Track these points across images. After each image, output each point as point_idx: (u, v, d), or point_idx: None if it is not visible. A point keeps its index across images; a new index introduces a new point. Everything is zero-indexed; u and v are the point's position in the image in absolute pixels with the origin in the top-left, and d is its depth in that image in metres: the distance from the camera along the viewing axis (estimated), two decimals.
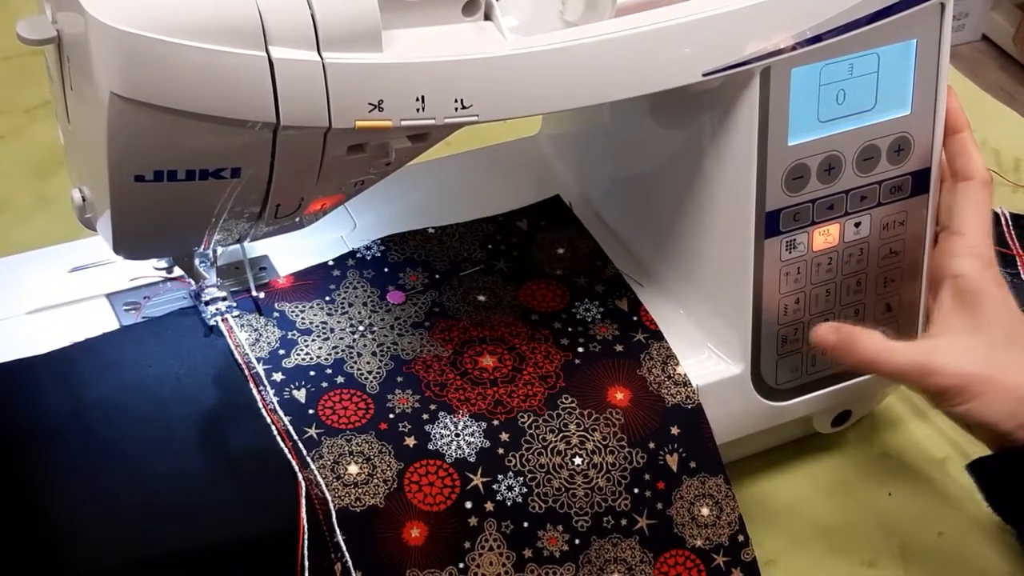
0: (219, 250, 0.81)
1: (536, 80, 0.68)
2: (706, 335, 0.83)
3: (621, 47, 0.69)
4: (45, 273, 0.83)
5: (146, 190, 0.65)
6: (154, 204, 0.67)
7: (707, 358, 0.83)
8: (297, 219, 0.74)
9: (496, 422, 0.76)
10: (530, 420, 0.76)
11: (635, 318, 0.83)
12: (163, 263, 0.80)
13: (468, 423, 0.76)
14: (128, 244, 0.71)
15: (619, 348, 0.81)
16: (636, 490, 0.76)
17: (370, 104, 0.64)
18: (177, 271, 0.81)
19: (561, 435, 0.76)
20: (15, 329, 0.80)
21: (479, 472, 0.74)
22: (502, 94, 0.67)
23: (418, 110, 0.65)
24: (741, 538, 0.78)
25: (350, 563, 0.70)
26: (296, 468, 0.72)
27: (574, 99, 0.70)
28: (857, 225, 0.80)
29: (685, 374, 0.80)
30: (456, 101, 0.66)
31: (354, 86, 0.63)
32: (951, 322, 0.76)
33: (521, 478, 0.74)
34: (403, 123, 0.65)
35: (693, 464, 0.78)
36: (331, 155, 0.67)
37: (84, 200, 0.71)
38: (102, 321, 0.80)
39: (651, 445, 0.77)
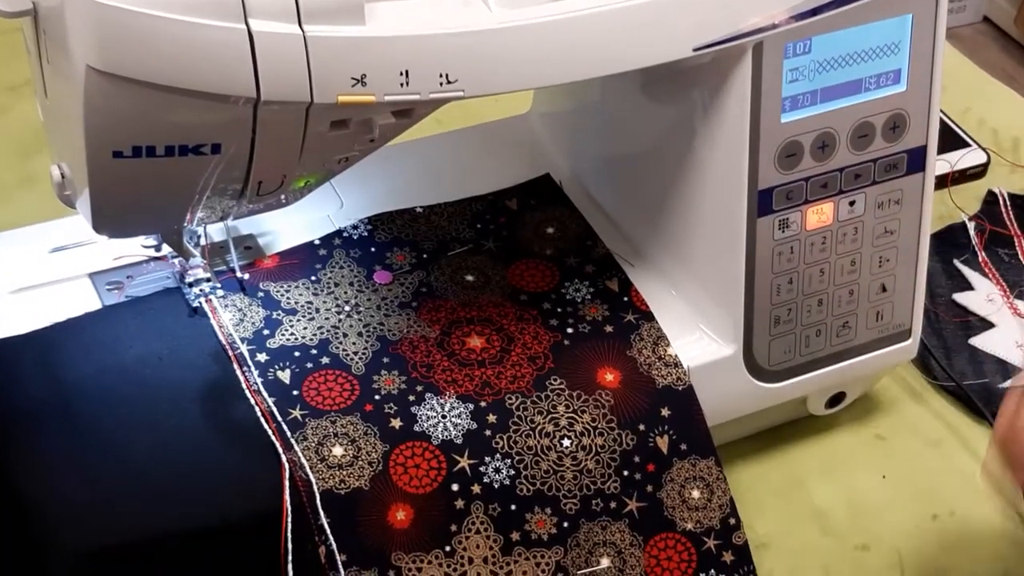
0: (204, 229, 0.79)
1: (523, 54, 0.66)
2: (697, 315, 0.82)
3: (610, 20, 0.67)
4: (27, 253, 0.82)
5: (125, 166, 0.64)
6: (133, 181, 0.66)
7: (698, 339, 0.82)
8: (281, 197, 0.73)
9: (483, 403, 0.75)
10: (518, 402, 0.75)
11: (625, 298, 0.82)
12: (152, 240, 0.79)
13: (455, 404, 0.75)
14: (108, 222, 0.70)
15: (609, 329, 0.80)
16: (626, 472, 0.76)
17: (353, 79, 0.63)
18: (164, 250, 0.80)
19: (550, 417, 0.75)
20: (0, 309, 0.79)
21: (466, 454, 0.73)
22: (488, 69, 0.66)
23: (402, 85, 0.64)
24: (732, 521, 0.77)
25: (334, 546, 0.70)
26: (280, 450, 0.71)
27: (562, 74, 0.69)
28: (851, 204, 0.79)
29: (676, 355, 0.79)
30: (441, 76, 0.65)
31: (336, 60, 0.62)
32: None
33: (508, 460, 0.74)
34: (387, 98, 0.64)
35: (684, 446, 0.77)
36: (313, 131, 0.66)
37: (63, 177, 0.70)
38: (84, 301, 0.79)
39: (641, 427, 0.76)
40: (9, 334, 0.77)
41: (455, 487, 0.72)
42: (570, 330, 0.80)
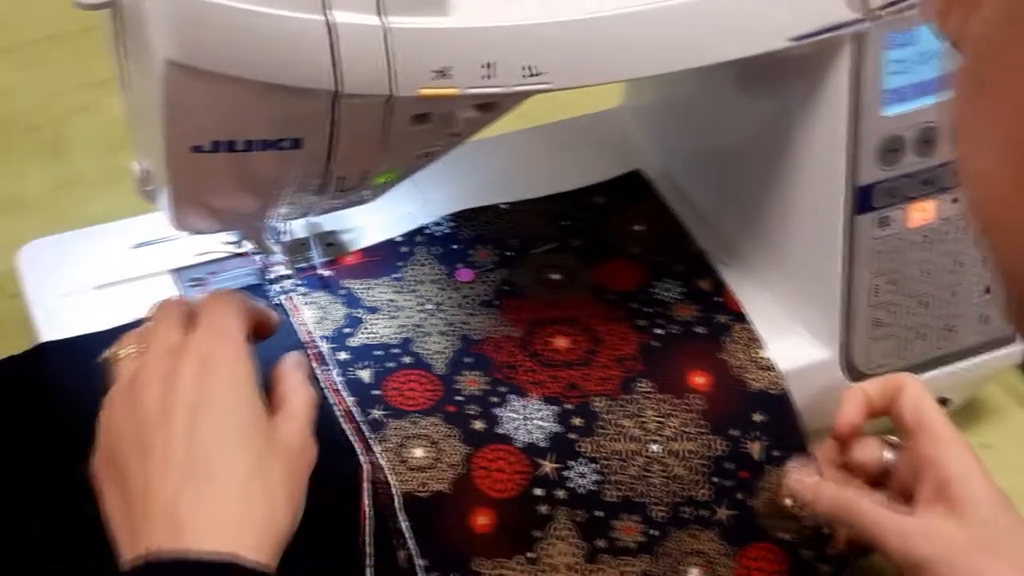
0: (286, 225, 0.79)
1: (612, 45, 0.64)
2: (793, 317, 0.79)
3: (703, 10, 0.65)
4: (111, 249, 0.82)
5: (204, 161, 0.63)
6: (213, 176, 0.65)
7: (794, 341, 0.79)
8: (363, 193, 0.72)
9: (569, 406, 0.73)
10: (605, 404, 0.73)
11: (717, 299, 0.80)
12: (232, 237, 0.78)
13: (539, 407, 0.73)
14: (188, 218, 0.69)
15: (700, 330, 0.78)
16: (716, 479, 0.73)
17: (434, 71, 0.61)
18: (245, 246, 0.80)
19: (637, 420, 0.73)
20: (80, 304, 0.79)
21: (550, 458, 0.71)
22: (576, 60, 0.64)
23: (485, 77, 0.62)
24: (827, 531, 0.74)
25: (415, 550, 0.68)
26: (359, 450, 0.70)
27: (652, 66, 0.67)
28: (955, 201, 0.76)
29: (770, 358, 0.76)
30: (526, 68, 0.63)
31: (418, 52, 0.61)
32: None
33: (594, 465, 0.72)
34: (470, 91, 0.62)
35: (778, 453, 0.75)
36: (395, 125, 0.64)
37: (144, 173, 0.70)
38: (167, 296, 0.79)
39: (733, 432, 0.74)
40: (92, 329, 0.76)
41: (539, 492, 0.70)
42: (659, 331, 0.77)
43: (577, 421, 0.73)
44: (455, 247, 0.82)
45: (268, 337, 0.69)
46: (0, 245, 0.91)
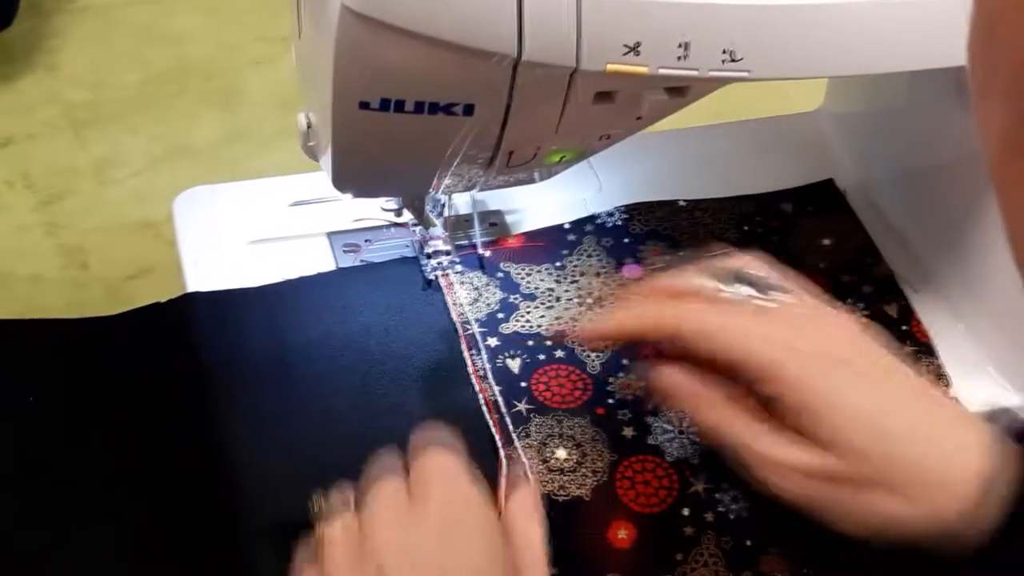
0: (449, 199, 0.76)
1: (822, 36, 0.60)
2: (986, 355, 0.73)
3: (926, 8, 0.60)
4: (268, 205, 0.81)
5: (371, 120, 0.60)
6: (378, 136, 0.62)
7: (983, 382, 0.73)
8: (534, 173, 0.69)
9: None
10: None
11: (904, 327, 0.74)
12: (392, 204, 0.76)
13: None
14: (349, 178, 0.67)
15: None
16: None
17: (625, 46, 0.57)
18: (404, 216, 0.77)
19: None
20: (234, 258, 0.78)
21: (702, 477, 0.67)
22: (780, 49, 0.59)
23: (680, 58, 0.58)
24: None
25: (547, 557, 0.65)
26: (499, 444, 0.66)
27: (863, 64, 0.62)
28: None
29: (957, 398, 0.70)
30: (725, 52, 0.59)
31: (609, 24, 0.57)
32: None
33: (749, 490, 0.67)
34: (661, 71, 0.58)
35: None
36: (575, 102, 0.61)
37: (309, 127, 0.68)
38: (319, 260, 0.77)
39: None
40: (243, 285, 0.75)
41: (686, 511, 0.66)
42: None
43: None
44: (626, 240, 0.79)
45: None
46: (162, 191, 0.91)
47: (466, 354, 0.71)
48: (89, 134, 1.01)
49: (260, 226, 0.79)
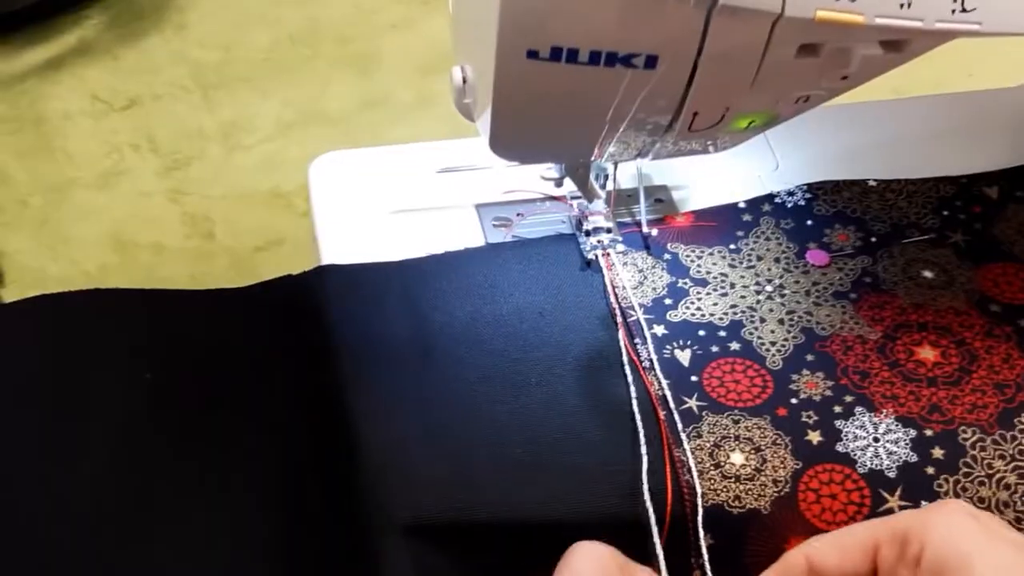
0: (613, 171, 0.70)
1: None
2: None
3: None
4: (413, 172, 0.76)
5: (538, 71, 0.55)
6: (545, 91, 0.57)
7: None
8: (714, 142, 0.62)
9: (929, 432, 0.61)
10: (975, 437, 0.61)
11: None
12: (553, 172, 0.70)
13: (893, 427, 0.62)
14: (507, 140, 0.61)
15: None
16: None
17: None
18: (563, 188, 0.71)
19: (1015, 465, 0.61)
20: (373, 230, 0.73)
21: (898, 492, 0.60)
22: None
23: (902, 6, 0.51)
24: None
25: (711, 574, 0.58)
26: (666, 444, 0.60)
27: None
28: None
29: None
30: (956, 1, 0.52)
31: None
32: None
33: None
34: (878, 21, 0.52)
35: None
36: (775, 55, 0.54)
37: (464, 81, 0.62)
38: (466, 234, 0.72)
39: None
40: (385, 258, 0.70)
41: None
42: None
43: (938, 453, 0.61)
44: (809, 223, 0.72)
45: None
46: (294, 159, 0.87)
47: (628, 343, 0.65)
48: (217, 97, 0.98)
49: (402, 195, 0.74)
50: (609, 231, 0.71)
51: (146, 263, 0.83)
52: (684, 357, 0.65)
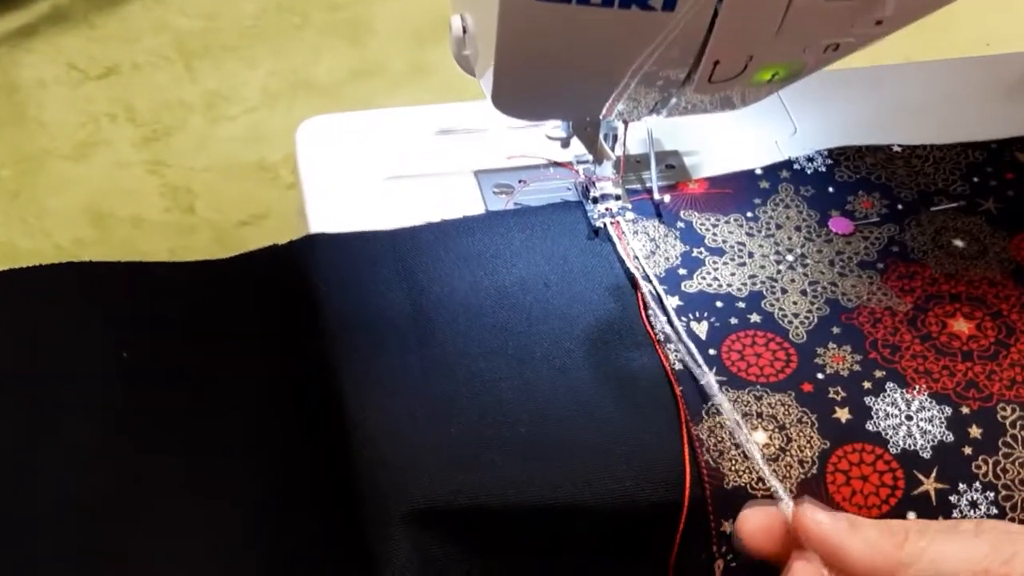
0: (623, 133, 0.66)
1: None
2: None
3: None
4: (409, 137, 0.72)
5: (546, 15, 0.52)
6: (553, 37, 0.53)
7: None
8: (736, 92, 0.59)
9: (966, 410, 0.58)
10: (1015, 415, 0.58)
11: None
12: (559, 131, 0.66)
13: (926, 404, 0.58)
14: (511, 93, 0.58)
15: None
16: None
17: None
18: (571, 151, 0.68)
19: None
20: (365, 197, 0.69)
21: (933, 474, 0.56)
22: None
23: None
24: None
25: (735, 563, 0.55)
26: (684, 422, 0.57)
27: None
28: None
29: None
30: None
31: None
32: None
33: (991, 493, 0.56)
34: None
35: None
36: None
37: (464, 31, 0.58)
38: (465, 202, 0.69)
39: None
40: (378, 226, 0.67)
41: (912, 515, 0.56)
42: None
43: (975, 431, 0.57)
44: (831, 190, 0.69)
45: None
46: (280, 130, 0.84)
47: (642, 315, 0.62)
48: (200, 66, 0.95)
49: (396, 161, 0.71)
50: (618, 198, 0.67)
51: (124, 237, 0.80)
52: (701, 329, 0.61)
